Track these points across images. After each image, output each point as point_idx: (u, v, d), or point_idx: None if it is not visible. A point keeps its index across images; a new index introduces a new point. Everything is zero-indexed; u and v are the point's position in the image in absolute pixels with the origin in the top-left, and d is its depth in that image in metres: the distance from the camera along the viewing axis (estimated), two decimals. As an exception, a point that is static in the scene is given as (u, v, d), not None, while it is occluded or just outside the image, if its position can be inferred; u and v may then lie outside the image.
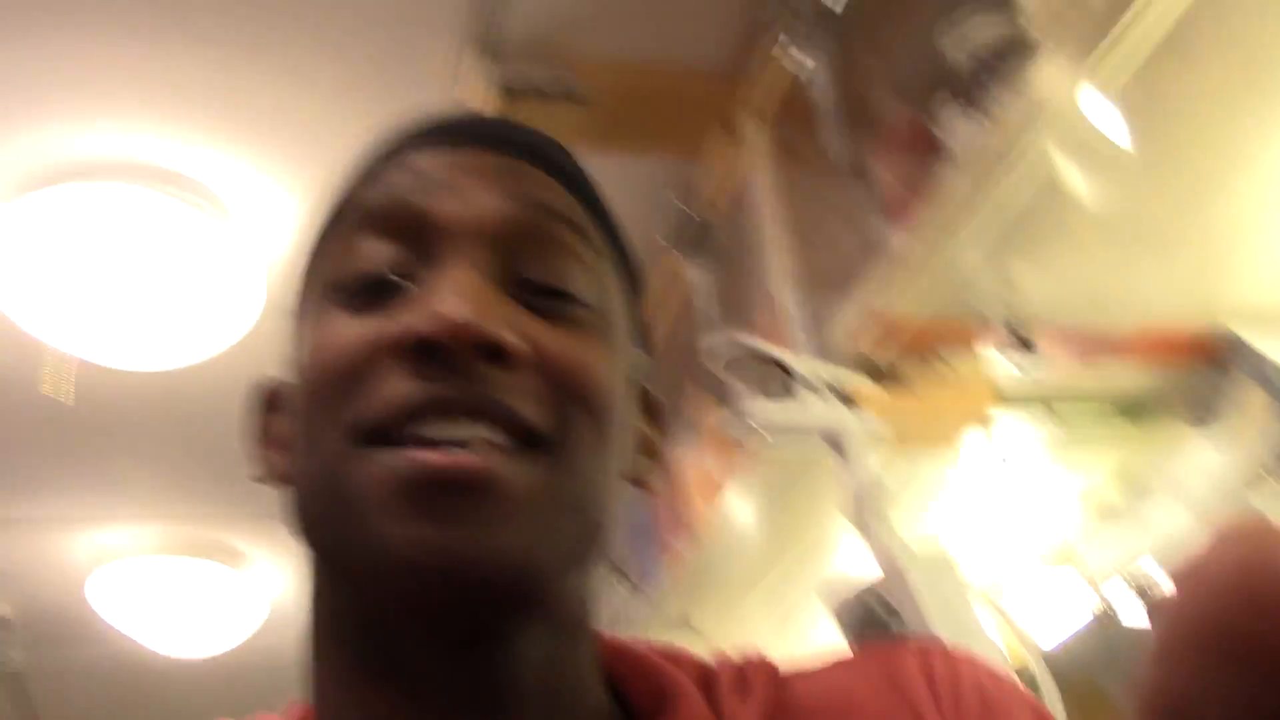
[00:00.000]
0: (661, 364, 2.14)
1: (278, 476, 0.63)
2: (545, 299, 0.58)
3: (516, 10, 1.59)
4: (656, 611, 2.18)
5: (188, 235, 1.82)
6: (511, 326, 0.55)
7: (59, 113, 1.69)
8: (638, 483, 0.64)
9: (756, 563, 2.04)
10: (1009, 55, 1.19)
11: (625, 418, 0.61)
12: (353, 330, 0.56)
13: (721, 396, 1.94)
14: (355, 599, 0.56)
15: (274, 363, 0.65)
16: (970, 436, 1.58)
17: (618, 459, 0.60)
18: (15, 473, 2.53)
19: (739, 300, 1.85)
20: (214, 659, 3.12)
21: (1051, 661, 1.98)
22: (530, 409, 0.54)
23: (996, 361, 1.51)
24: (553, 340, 0.57)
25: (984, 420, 1.55)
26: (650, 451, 0.67)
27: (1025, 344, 1.44)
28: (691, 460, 2.02)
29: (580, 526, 0.56)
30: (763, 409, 1.32)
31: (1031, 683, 1.82)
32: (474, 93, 1.66)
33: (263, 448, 0.65)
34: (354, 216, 0.61)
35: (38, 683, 3.23)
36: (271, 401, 0.66)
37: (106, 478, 2.56)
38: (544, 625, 0.57)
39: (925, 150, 1.40)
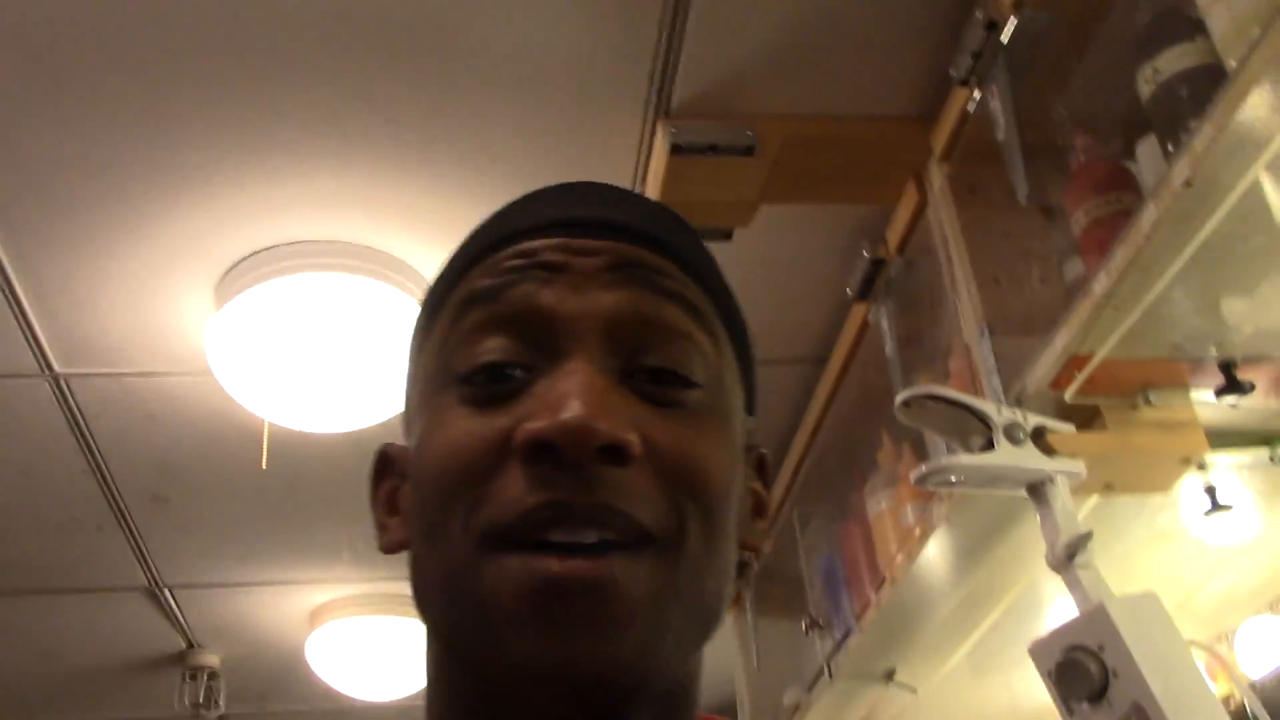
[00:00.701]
0: (855, 414, 2.12)
1: (397, 545, 0.65)
2: (660, 385, 0.59)
3: (694, 71, 1.61)
4: (856, 664, 2.14)
5: (379, 308, 1.90)
6: (626, 421, 0.55)
7: (272, 207, 1.80)
8: (748, 547, 0.65)
9: (960, 616, 1.98)
10: (1203, 85, 1.15)
11: (737, 497, 0.62)
12: (473, 426, 0.58)
13: (918, 450, 1.91)
14: (474, 684, 0.59)
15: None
16: (1184, 481, 1.51)
17: (731, 539, 0.61)
18: (238, 541, 2.68)
19: (930, 346, 1.82)
20: (408, 700, 3.24)
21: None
22: (645, 512, 0.55)
23: (1208, 402, 1.44)
24: (666, 434, 0.58)
25: (1197, 463, 1.48)
26: (760, 511, 0.68)
27: (1238, 383, 1.37)
28: (887, 509, 1.98)
29: (695, 618, 0.58)
30: (961, 462, 1.29)
31: (1244, 717, 1.73)
32: (655, 158, 1.68)
33: (384, 515, 0.67)
34: (471, 304, 0.62)
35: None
36: (390, 468, 0.68)
37: (315, 543, 2.68)
38: (653, 707, 0.58)
39: (1118, 187, 1.35)
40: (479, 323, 0.60)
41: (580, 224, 0.63)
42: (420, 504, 0.60)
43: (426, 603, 0.60)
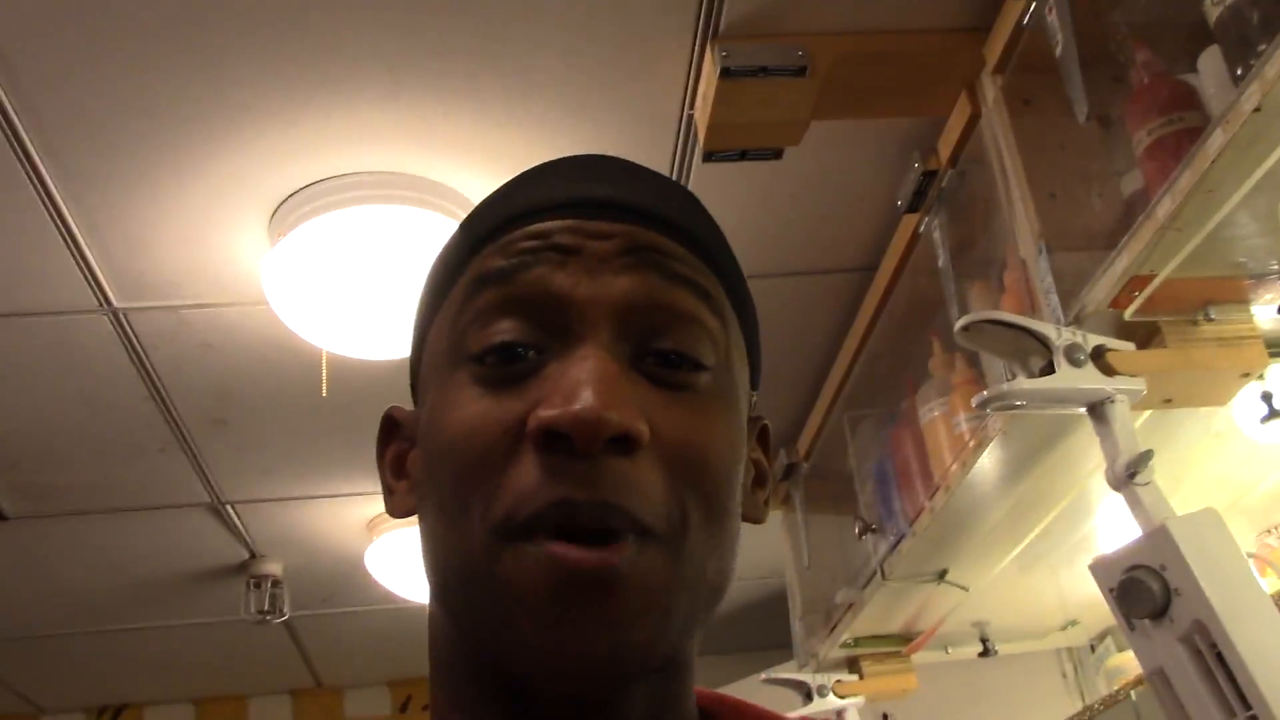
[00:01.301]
0: (905, 321, 2.12)
1: (406, 511, 0.67)
2: (669, 368, 0.61)
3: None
4: (909, 565, 2.18)
5: (429, 236, 1.91)
6: (636, 410, 0.57)
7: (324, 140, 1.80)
8: (747, 519, 0.67)
9: (1012, 520, 2.01)
10: (1273, 8, 1.12)
11: (739, 475, 0.64)
12: (487, 409, 0.59)
13: (970, 359, 1.92)
14: (484, 659, 0.61)
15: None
16: (1243, 392, 1.51)
17: (734, 517, 0.63)
18: (295, 459, 2.75)
19: (983, 257, 1.81)
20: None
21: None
22: (648, 509, 0.57)
23: (1268, 315, 1.44)
24: (673, 420, 0.59)
25: (1257, 374, 1.48)
26: (761, 482, 0.70)
27: (1301, 297, 1.37)
28: (939, 416, 2.00)
29: (701, 599, 0.60)
30: (1023, 387, 1.29)
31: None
32: (704, 82, 1.66)
33: (392, 478, 0.69)
34: (484, 285, 0.62)
35: (306, 627, 3.74)
36: (396, 431, 0.70)
37: (371, 458, 2.72)
38: (655, 679, 0.61)
39: (1180, 106, 1.33)
40: (492, 303, 0.61)
41: (594, 204, 0.63)
42: (434, 484, 0.61)
43: (441, 582, 0.62)
